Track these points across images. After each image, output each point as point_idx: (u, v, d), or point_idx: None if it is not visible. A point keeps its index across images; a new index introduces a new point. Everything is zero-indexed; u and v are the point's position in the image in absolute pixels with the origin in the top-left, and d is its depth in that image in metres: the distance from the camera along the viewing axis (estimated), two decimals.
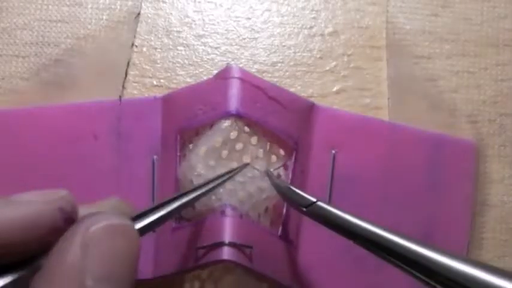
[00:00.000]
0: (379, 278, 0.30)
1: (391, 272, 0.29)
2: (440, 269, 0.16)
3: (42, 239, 0.17)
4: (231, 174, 0.26)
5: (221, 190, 0.27)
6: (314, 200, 0.23)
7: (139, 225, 0.19)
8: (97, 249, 0.16)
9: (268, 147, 0.29)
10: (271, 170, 0.29)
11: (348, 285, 0.30)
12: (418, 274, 0.17)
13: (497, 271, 0.15)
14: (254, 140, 0.29)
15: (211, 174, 0.27)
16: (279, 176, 0.29)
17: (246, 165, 0.28)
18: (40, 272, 0.16)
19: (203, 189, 0.24)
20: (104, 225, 0.17)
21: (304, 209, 0.23)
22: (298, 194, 0.24)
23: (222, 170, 0.27)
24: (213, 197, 0.27)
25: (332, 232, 0.29)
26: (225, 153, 0.28)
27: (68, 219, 0.18)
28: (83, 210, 0.19)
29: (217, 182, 0.25)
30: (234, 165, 0.27)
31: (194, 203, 0.24)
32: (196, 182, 0.27)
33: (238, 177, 0.27)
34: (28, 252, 0.17)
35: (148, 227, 0.20)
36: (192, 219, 0.28)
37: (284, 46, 0.34)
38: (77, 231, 0.17)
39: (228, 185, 0.27)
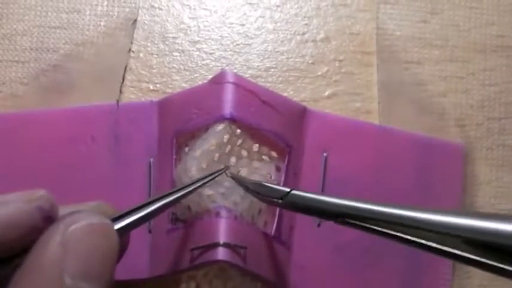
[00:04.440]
0: (372, 277, 0.30)
1: (383, 271, 0.30)
2: (427, 225, 0.16)
3: (21, 238, 0.17)
4: (210, 177, 0.26)
5: (214, 192, 0.28)
6: (288, 190, 0.22)
7: (118, 225, 0.19)
8: (76, 248, 0.17)
9: (258, 150, 0.30)
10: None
11: (340, 284, 0.30)
12: (410, 238, 0.17)
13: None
14: (244, 142, 0.29)
15: None
16: (270, 177, 0.29)
17: (227, 168, 0.28)
18: (19, 269, 0.16)
19: (183, 191, 0.24)
20: (83, 225, 0.17)
21: (280, 201, 0.22)
22: (271, 187, 0.23)
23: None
24: (208, 199, 0.28)
25: (323, 232, 0.30)
26: (216, 156, 0.28)
27: (47, 218, 0.18)
28: (64, 211, 0.19)
29: (197, 184, 0.25)
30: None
31: (174, 205, 0.24)
32: None
33: (229, 181, 0.28)
34: (8, 251, 0.17)
35: (128, 227, 0.20)
36: (187, 221, 0.28)
37: (277, 52, 0.35)
38: (57, 230, 0.17)
39: (220, 187, 0.28)
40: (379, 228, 0.18)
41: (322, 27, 0.35)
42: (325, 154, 0.31)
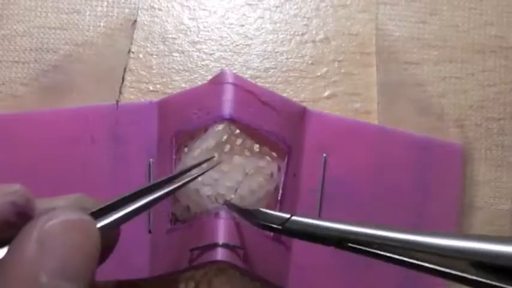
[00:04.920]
0: (370, 277, 0.30)
1: (381, 271, 0.30)
2: (432, 249, 0.17)
3: None
4: (202, 171, 0.25)
5: (214, 193, 0.28)
6: (288, 216, 0.21)
7: (102, 222, 0.19)
8: (53, 245, 0.16)
9: (257, 149, 0.30)
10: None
11: (339, 285, 0.30)
12: (415, 262, 0.17)
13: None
14: (244, 142, 0.29)
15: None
16: (272, 175, 0.29)
17: (219, 162, 0.27)
18: None
19: (175, 185, 0.22)
20: (60, 221, 0.17)
21: (280, 228, 0.21)
22: (270, 214, 0.22)
23: (212, 171, 0.27)
24: (208, 199, 0.28)
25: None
26: (216, 155, 0.28)
27: (21, 213, 0.17)
28: (42, 204, 0.18)
29: (189, 178, 0.23)
30: (224, 167, 0.28)
31: (165, 198, 0.22)
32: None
33: (229, 181, 0.28)
34: None
35: (112, 224, 0.19)
36: (186, 221, 0.29)
37: (277, 52, 0.35)
38: (34, 226, 0.16)
39: (221, 188, 0.28)
40: (383, 253, 0.18)
41: (321, 28, 0.35)
42: (324, 154, 0.31)
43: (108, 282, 0.29)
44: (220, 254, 0.26)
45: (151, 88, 0.34)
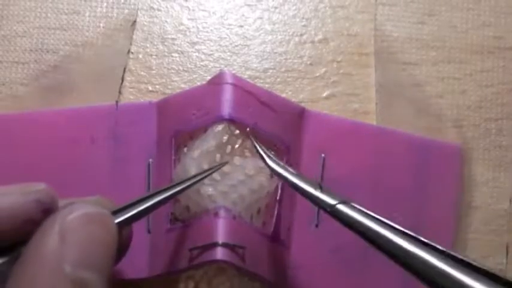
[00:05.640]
0: (368, 278, 0.31)
1: (381, 271, 0.30)
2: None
3: (19, 229, 0.17)
4: (209, 172, 0.26)
5: (214, 192, 0.28)
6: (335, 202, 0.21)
7: (118, 219, 0.20)
8: (74, 237, 0.17)
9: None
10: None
11: (338, 285, 0.30)
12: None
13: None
14: (244, 142, 0.29)
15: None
16: (271, 175, 0.29)
17: (225, 163, 0.28)
18: (20, 259, 0.17)
19: (182, 186, 0.24)
20: (80, 214, 0.18)
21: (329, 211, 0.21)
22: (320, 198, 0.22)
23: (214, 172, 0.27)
24: (208, 199, 0.28)
25: (321, 233, 0.30)
26: (218, 156, 0.28)
27: (46, 211, 0.18)
28: (64, 204, 0.19)
29: (196, 179, 0.25)
30: (224, 167, 0.28)
31: (173, 198, 0.24)
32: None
33: (230, 181, 0.28)
34: (5, 241, 0.17)
35: (127, 221, 0.20)
36: (186, 221, 0.29)
37: (275, 53, 0.35)
38: (55, 220, 0.17)
39: (221, 187, 0.28)
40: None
41: (320, 29, 0.35)
42: (323, 155, 0.32)
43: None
44: (219, 254, 0.26)
45: (150, 88, 0.34)
